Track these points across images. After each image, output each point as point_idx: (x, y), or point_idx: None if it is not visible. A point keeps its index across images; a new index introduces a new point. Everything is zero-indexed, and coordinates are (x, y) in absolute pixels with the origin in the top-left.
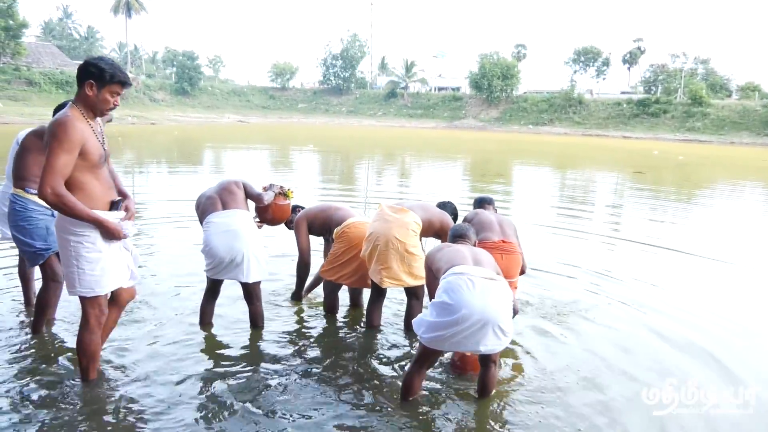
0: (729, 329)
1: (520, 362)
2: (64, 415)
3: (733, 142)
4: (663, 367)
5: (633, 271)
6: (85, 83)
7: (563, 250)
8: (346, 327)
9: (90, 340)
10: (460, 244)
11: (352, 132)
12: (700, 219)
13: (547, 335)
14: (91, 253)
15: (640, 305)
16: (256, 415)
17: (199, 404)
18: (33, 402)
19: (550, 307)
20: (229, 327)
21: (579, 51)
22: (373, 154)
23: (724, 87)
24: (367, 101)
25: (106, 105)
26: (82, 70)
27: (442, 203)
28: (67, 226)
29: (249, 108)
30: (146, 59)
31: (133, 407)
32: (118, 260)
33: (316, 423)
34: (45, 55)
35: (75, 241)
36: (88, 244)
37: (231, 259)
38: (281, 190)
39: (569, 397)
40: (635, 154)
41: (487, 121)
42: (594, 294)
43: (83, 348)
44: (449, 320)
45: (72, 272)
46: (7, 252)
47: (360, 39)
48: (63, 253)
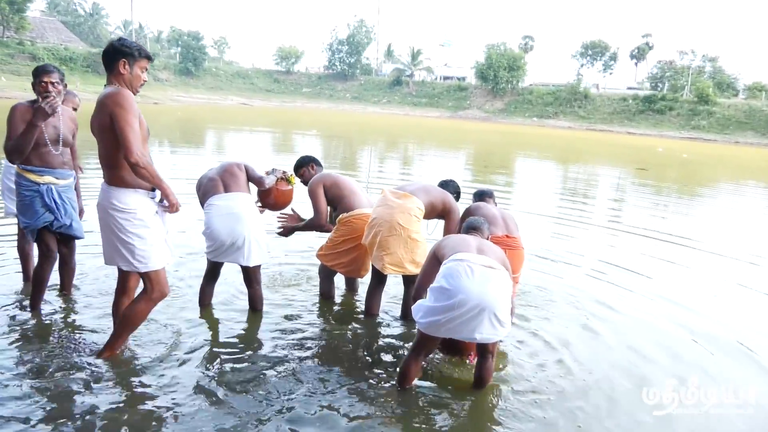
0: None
1: (515, 353)
2: (64, 391)
3: (738, 141)
4: (667, 363)
5: (632, 263)
6: (118, 63)
7: (563, 241)
8: (344, 313)
9: (143, 309)
10: (472, 235)
11: (355, 118)
12: (701, 215)
13: (545, 325)
14: (139, 229)
15: (642, 297)
16: (252, 399)
17: (195, 387)
18: (27, 376)
19: (543, 298)
20: (227, 309)
21: (587, 45)
22: (376, 141)
23: (731, 86)
24: (372, 88)
25: (139, 81)
26: (111, 52)
27: (444, 182)
28: (114, 203)
29: (253, 91)
30: (151, 38)
31: (129, 388)
32: (163, 237)
33: (312, 410)
34: (49, 30)
35: (122, 218)
36: (136, 220)
37: (232, 242)
38: (284, 176)
39: (565, 389)
40: (639, 150)
41: (492, 112)
42: (594, 285)
43: (131, 316)
44: (445, 305)
45: (124, 248)
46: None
47: (367, 25)
48: (110, 231)
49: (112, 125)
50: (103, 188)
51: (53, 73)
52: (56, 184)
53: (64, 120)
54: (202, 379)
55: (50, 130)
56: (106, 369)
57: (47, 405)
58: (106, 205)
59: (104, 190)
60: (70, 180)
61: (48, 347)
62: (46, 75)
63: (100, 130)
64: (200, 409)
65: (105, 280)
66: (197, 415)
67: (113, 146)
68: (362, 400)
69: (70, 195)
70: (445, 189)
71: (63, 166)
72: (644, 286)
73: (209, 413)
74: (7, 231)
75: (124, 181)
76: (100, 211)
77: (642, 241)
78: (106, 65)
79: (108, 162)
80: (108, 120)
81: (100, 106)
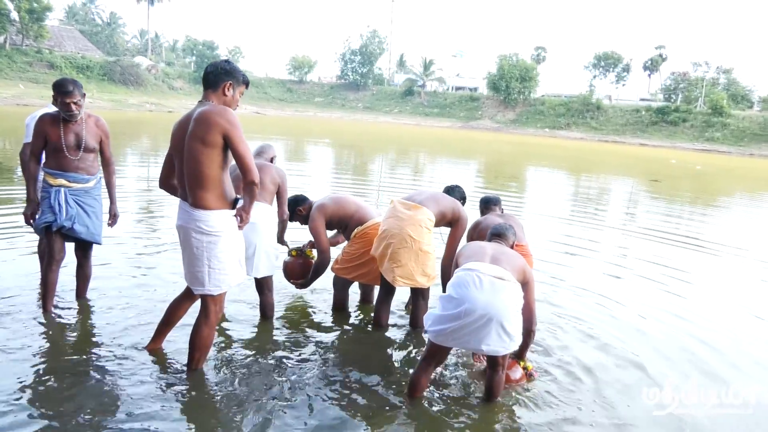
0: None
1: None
2: (82, 394)
3: (753, 153)
4: (668, 362)
5: (642, 271)
6: (224, 83)
7: (568, 239)
8: (354, 323)
9: (208, 335)
10: (496, 242)
11: (367, 128)
12: (716, 223)
13: (553, 337)
14: (222, 253)
15: (648, 307)
16: (260, 408)
17: (204, 394)
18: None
19: (551, 309)
20: (237, 316)
21: (599, 56)
22: (387, 151)
23: (745, 98)
24: (384, 98)
25: (236, 104)
26: (219, 72)
27: (450, 188)
28: (203, 227)
29: (266, 100)
30: (166, 47)
31: (138, 395)
32: (241, 255)
33: (321, 419)
34: (67, 39)
35: (208, 241)
36: (222, 244)
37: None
38: (302, 248)
39: (576, 401)
40: (652, 162)
41: (503, 122)
42: (598, 288)
43: (200, 342)
44: (452, 314)
45: (201, 271)
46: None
47: (379, 35)
48: (192, 253)
49: (222, 144)
50: (187, 210)
51: (72, 93)
52: (69, 187)
53: (89, 127)
54: (207, 388)
55: (70, 138)
56: (114, 374)
57: (46, 403)
58: (191, 228)
59: (189, 212)
60: (87, 184)
61: (45, 348)
62: (68, 96)
63: (202, 146)
64: (206, 418)
65: (120, 287)
66: (204, 420)
67: (210, 164)
68: (371, 409)
69: (85, 199)
70: (452, 195)
71: (78, 171)
72: (649, 291)
73: (216, 420)
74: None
75: (213, 204)
76: (182, 233)
77: (651, 246)
78: (210, 82)
79: (197, 182)
80: (218, 138)
81: (207, 123)
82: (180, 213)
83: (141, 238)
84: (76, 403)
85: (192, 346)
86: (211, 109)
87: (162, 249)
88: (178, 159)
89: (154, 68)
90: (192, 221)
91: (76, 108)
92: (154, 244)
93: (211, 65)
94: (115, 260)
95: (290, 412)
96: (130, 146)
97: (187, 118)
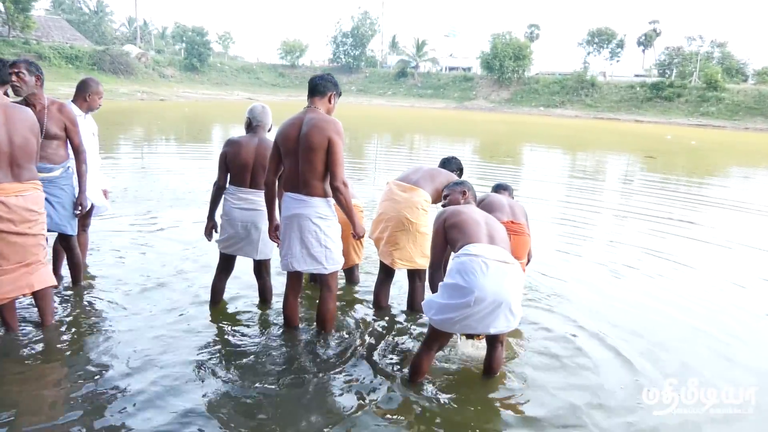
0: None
1: (524, 342)
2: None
3: (748, 127)
4: (678, 363)
5: (640, 254)
6: (331, 93)
7: (569, 233)
8: (352, 306)
9: (334, 306)
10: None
11: (361, 111)
12: (712, 203)
13: (551, 317)
14: (335, 234)
15: (644, 287)
16: (260, 393)
17: (206, 383)
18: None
19: (548, 291)
20: (236, 302)
21: (593, 32)
22: (382, 133)
23: (740, 71)
24: (377, 80)
25: (333, 112)
26: (329, 84)
27: (446, 159)
28: (321, 212)
29: (258, 85)
30: (155, 35)
31: (141, 386)
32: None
33: (321, 401)
34: (54, 28)
35: (326, 225)
36: (335, 226)
37: (246, 234)
38: None
39: (573, 378)
40: (648, 138)
41: (498, 102)
42: (596, 278)
43: (329, 314)
44: (461, 302)
45: (321, 252)
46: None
47: (371, 17)
48: (309, 239)
49: (327, 147)
50: (302, 199)
51: (16, 63)
52: None
53: (51, 113)
54: (209, 376)
55: None
56: (114, 368)
57: (43, 396)
58: (309, 214)
59: (305, 201)
60: (51, 174)
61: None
62: (12, 67)
63: (318, 148)
64: (210, 406)
65: (115, 272)
66: (197, 400)
67: (322, 163)
68: (372, 392)
69: (50, 189)
70: (448, 167)
71: (39, 160)
72: (650, 281)
73: (216, 402)
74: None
75: (327, 193)
76: (297, 221)
77: (649, 233)
78: (319, 92)
79: (315, 176)
80: (326, 143)
81: (320, 128)
82: (291, 204)
83: (136, 224)
84: (72, 393)
85: (323, 318)
86: (323, 117)
87: (156, 237)
88: (291, 157)
89: (144, 56)
90: (310, 208)
91: (17, 80)
92: (149, 231)
93: (318, 77)
94: (108, 246)
95: (288, 394)
96: (123, 136)
97: (298, 121)
